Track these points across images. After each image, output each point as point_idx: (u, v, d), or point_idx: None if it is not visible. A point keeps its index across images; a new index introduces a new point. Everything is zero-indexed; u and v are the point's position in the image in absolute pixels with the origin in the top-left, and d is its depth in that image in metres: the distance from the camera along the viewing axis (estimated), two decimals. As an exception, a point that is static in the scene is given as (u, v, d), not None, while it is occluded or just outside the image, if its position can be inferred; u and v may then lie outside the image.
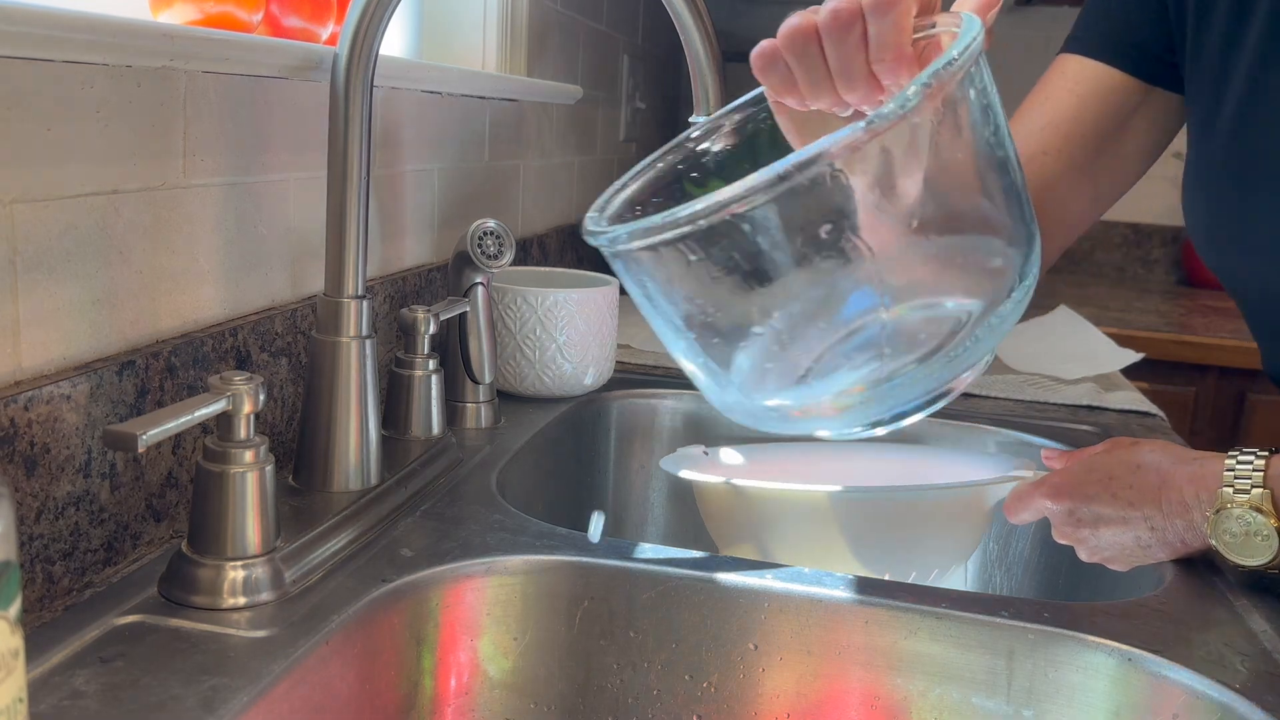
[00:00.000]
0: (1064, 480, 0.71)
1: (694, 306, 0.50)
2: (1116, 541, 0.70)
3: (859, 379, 0.51)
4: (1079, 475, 0.71)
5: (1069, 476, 0.72)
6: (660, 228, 0.47)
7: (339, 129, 0.67)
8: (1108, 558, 0.72)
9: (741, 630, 0.65)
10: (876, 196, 0.48)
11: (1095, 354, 1.37)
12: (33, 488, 0.55)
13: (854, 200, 0.47)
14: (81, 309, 0.59)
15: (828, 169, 0.45)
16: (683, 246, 0.47)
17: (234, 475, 0.57)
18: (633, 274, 0.51)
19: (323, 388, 0.69)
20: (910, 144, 0.48)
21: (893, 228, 0.49)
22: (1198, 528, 0.66)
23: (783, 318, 0.51)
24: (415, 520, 0.71)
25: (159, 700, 0.48)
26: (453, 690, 0.66)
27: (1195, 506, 0.66)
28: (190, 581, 0.57)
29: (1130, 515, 0.68)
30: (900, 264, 0.50)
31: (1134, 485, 0.68)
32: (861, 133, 0.45)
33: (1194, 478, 0.66)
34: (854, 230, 0.48)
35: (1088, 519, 0.70)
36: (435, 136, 1.03)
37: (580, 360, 0.99)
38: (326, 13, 0.81)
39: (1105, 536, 0.70)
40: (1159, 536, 0.68)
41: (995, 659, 0.62)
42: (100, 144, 0.60)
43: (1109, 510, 0.69)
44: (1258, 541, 0.63)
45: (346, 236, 0.68)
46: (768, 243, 0.47)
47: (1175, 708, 0.59)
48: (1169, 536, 0.67)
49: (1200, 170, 0.79)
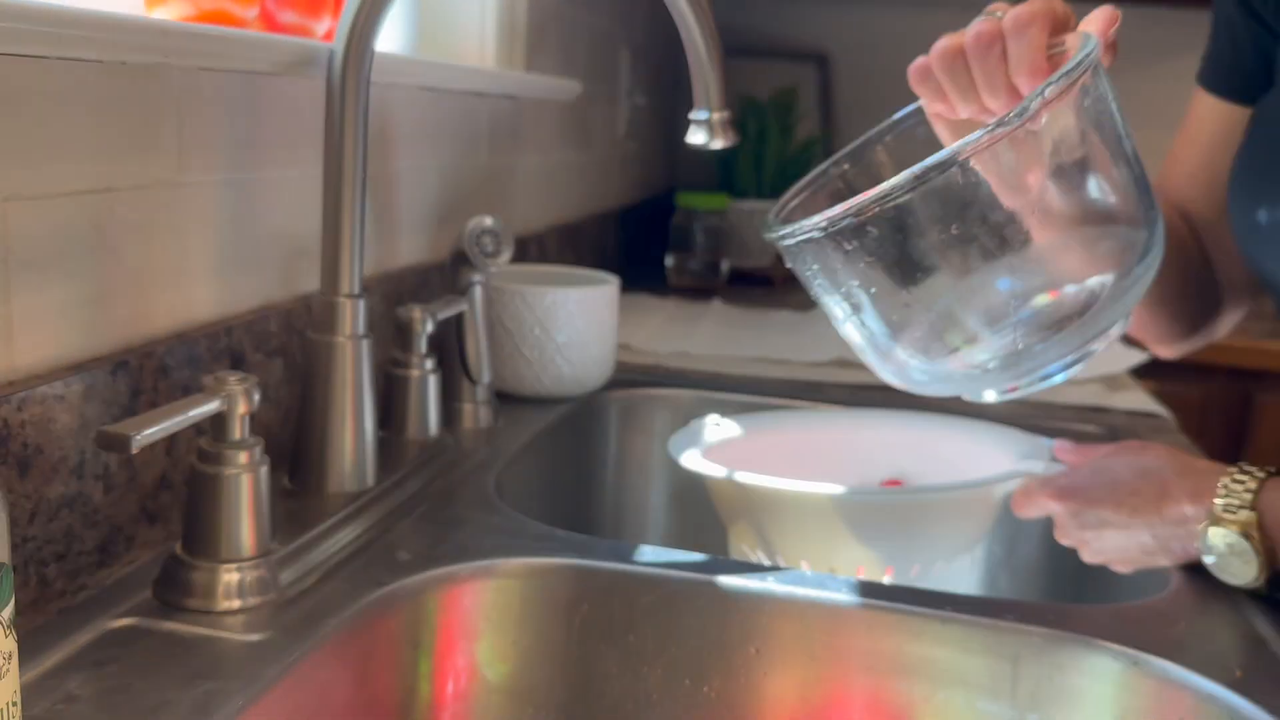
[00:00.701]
0: (1070, 482, 0.72)
1: (855, 288, 0.59)
2: (1120, 546, 0.70)
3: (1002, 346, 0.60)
4: (1085, 478, 0.71)
5: (1075, 479, 0.72)
6: (813, 226, 0.56)
7: (335, 126, 0.66)
8: (1111, 560, 0.72)
9: (743, 634, 0.65)
10: (1009, 191, 0.56)
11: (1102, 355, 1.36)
12: (26, 489, 0.55)
13: (987, 194, 0.56)
14: (74, 308, 0.59)
15: (958, 168, 0.54)
16: (838, 238, 0.56)
17: (228, 477, 0.56)
18: (800, 262, 0.61)
19: (318, 388, 0.68)
20: (1034, 146, 0.56)
21: (1026, 218, 0.57)
22: (1194, 541, 0.67)
23: (932, 298, 0.60)
24: (412, 522, 0.70)
25: (153, 704, 0.48)
26: (449, 695, 0.65)
27: (1193, 520, 0.66)
28: (184, 584, 0.56)
29: (1133, 522, 0.69)
30: (1038, 250, 0.58)
31: (1138, 492, 0.69)
32: (986, 136, 0.53)
33: (1193, 491, 0.67)
34: (987, 221, 0.56)
35: (1092, 522, 0.70)
36: (432, 133, 1.02)
37: (580, 360, 0.98)
38: (322, 8, 0.80)
39: (1109, 540, 0.70)
40: (1161, 544, 0.68)
41: (1000, 663, 0.62)
42: (93, 141, 0.59)
43: (1113, 515, 0.69)
44: (1240, 563, 0.64)
45: (342, 235, 0.67)
46: (912, 233, 0.56)
47: (1182, 711, 0.58)
48: (1171, 545, 0.68)
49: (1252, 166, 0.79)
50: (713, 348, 1.26)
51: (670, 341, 1.28)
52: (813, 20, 2.29)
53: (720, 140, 0.71)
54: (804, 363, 1.23)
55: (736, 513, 0.81)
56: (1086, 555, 0.73)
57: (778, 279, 1.86)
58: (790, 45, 2.29)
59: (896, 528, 0.78)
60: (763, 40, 2.29)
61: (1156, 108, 2.26)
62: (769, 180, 1.94)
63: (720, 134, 0.71)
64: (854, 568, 0.77)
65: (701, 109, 0.70)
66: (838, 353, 1.27)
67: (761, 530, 0.79)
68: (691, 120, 0.69)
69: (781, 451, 0.89)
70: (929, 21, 0.88)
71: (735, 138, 0.72)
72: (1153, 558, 0.70)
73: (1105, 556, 0.72)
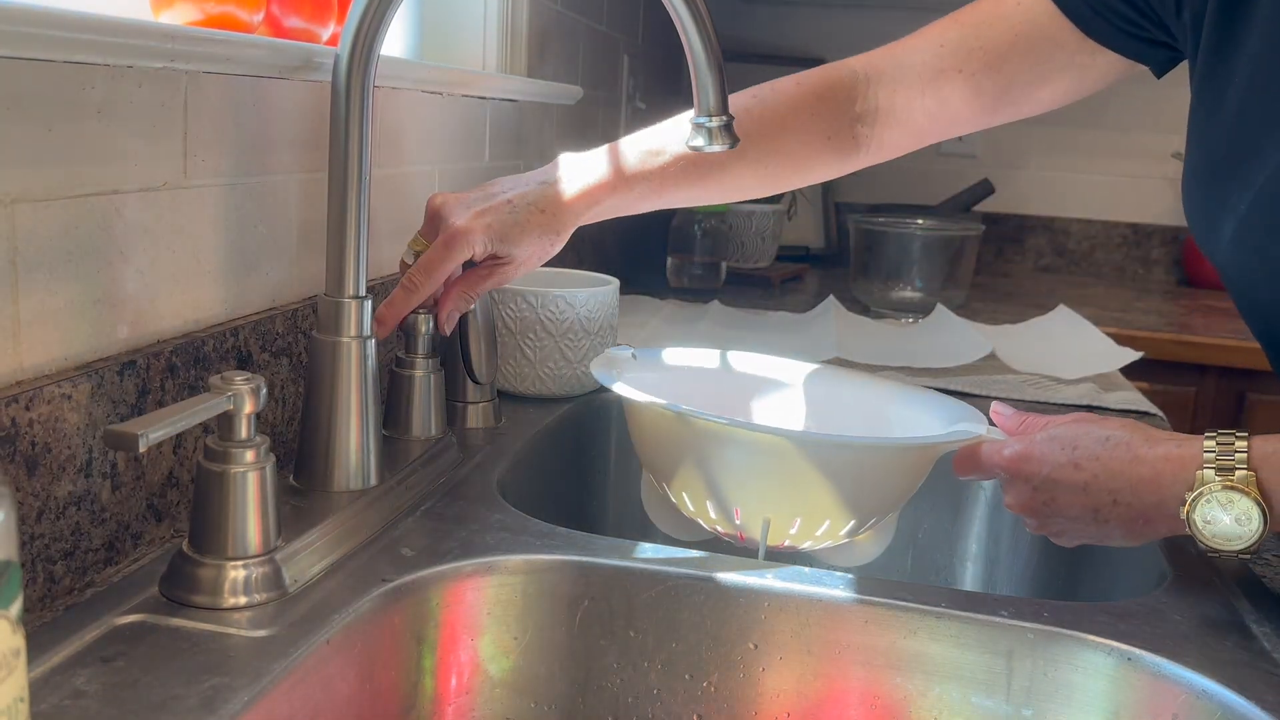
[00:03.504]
0: (1024, 446, 0.69)
1: None
2: (1072, 514, 0.68)
3: None
4: (1040, 442, 0.69)
5: (1028, 443, 0.69)
6: None
7: (340, 129, 0.67)
8: (1059, 531, 0.70)
9: (741, 629, 0.65)
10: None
11: (1095, 354, 1.37)
12: (34, 487, 0.55)
13: None
14: (82, 309, 0.60)
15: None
16: None
17: (235, 475, 0.57)
18: None
19: (323, 388, 0.69)
20: None
21: None
22: (1167, 507, 0.64)
23: None
24: (415, 520, 0.71)
25: (160, 700, 0.48)
26: (453, 690, 0.66)
27: (1169, 485, 0.64)
28: (191, 581, 0.57)
29: (1093, 485, 0.66)
30: None
31: (1100, 457, 0.66)
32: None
33: (1170, 458, 0.65)
34: None
35: (1044, 487, 0.68)
36: (436, 137, 1.03)
37: (580, 360, 0.99)
38: (327, 13, 0.81)
39: (1061, 507, 0.68)
40: (1120, 512, 0.66)
41: (995, 658, 0.62)
42: (101, 144, 0.60)
43: (1070, 478, 0.67)
44: (1238, 525, 0.62)
45: (347, 237, 0.68)
46: None
47: (1175, 707, 0.59)
48: (1131, 513, 0.66)
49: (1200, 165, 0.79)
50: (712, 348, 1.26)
51: (670, 342, 1.28)
52: (809, 26, 2.30)
53: (719, 144, 0.72)
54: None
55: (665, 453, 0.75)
56: (1032, 524, 0.71)
57: (776, 280, 1.86)
58: (788, 50, 2.29)
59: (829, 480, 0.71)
60: (761, 45, 2.29)
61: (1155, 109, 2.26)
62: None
63: (719, 138, 0.72)
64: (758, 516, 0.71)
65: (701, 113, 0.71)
66: (836, 353, 1.28)
67: (690, 470, 0.73)
68: (691, 124, 0.70)
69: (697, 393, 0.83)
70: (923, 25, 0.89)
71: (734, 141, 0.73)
72: (1106, 529, 0.67)
73: (1054, 527, 0.69)
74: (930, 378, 1.19)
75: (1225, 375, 1.68)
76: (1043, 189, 2.31)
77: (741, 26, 2.31)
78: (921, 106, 0.87)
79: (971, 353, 1.31)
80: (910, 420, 0.81)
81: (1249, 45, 0.71)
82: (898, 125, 0.89)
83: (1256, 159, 0.70)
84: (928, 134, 0.90)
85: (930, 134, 0.90)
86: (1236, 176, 0.72)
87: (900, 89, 0.88)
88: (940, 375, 1.22)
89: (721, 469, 0.71)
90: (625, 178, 0.84)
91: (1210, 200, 0.75)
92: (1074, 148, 2.25)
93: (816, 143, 0.89)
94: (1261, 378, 1.67)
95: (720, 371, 0.89)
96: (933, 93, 0.87)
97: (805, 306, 1.63)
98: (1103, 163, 2.27)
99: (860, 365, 1.24)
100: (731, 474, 0.71)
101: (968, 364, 1.28)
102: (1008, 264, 2.34)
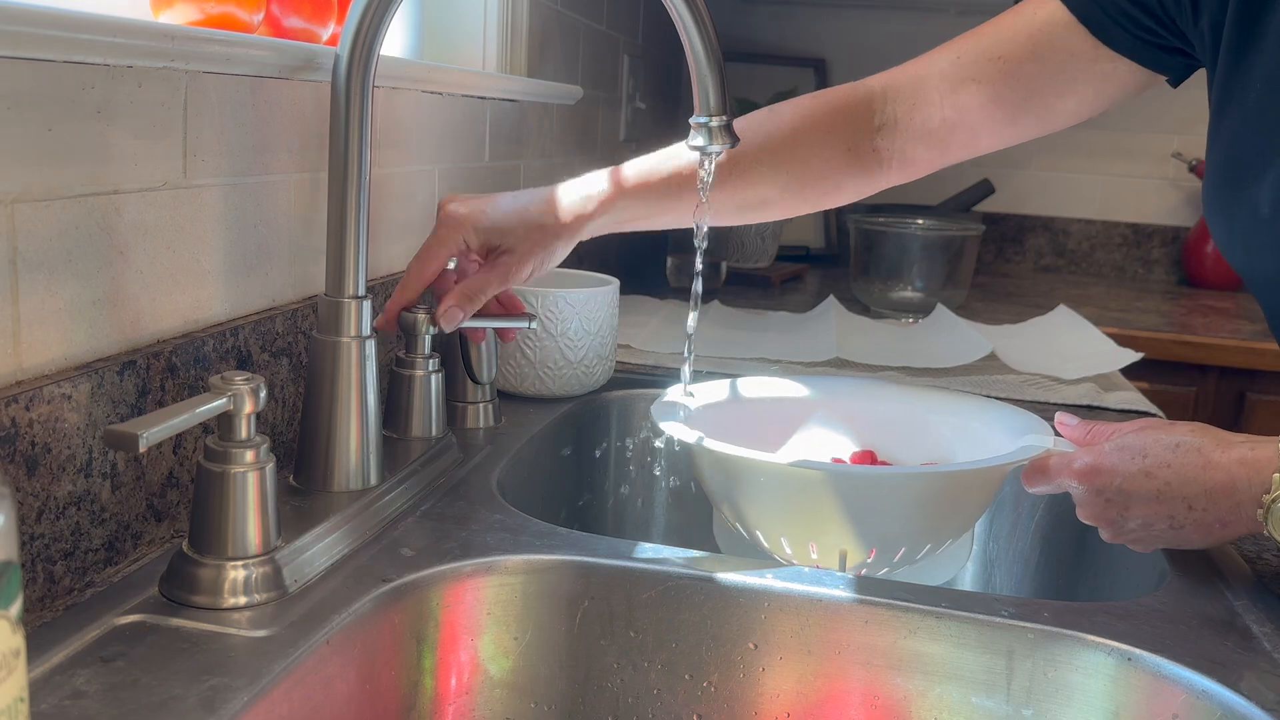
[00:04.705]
0: (1095, 458, 0.69)
1: None
2: (1147, 522, 0.67)
3: None
4: (1109, 452, 0.68)
5: (1098, 454, 0.69)
6: None
7: (339, 129, 0.67)
8: (1134, 539, 0.69)
9: (741, 630, 0.65)
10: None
11: (1095, 354, 1.37)
12: (34, 487, 0.55)
13: None
14: (82, 309, 0.60)
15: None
16: None
17: (235, 475, 0.57)
18: None
19: (323, 388, 0.69)
20: None
21: None
22: (1244, 511, 0.64)
23: None
24: (416, 520, 0.71)
25: (160, 700, 0.48)
26: (453, 690, 0.66)
27: (1245, 489, 0.64)
28: (191, 581, 0.57)
29: (1167, 494, 0.66)
30: None
31: (1171, 464, 0.66)
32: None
33: (1244, 461, 0.64)
34: None
35: (1117, 499, 0.68)
36: (436, 137, 1.03)
37: (580, 360, 0.99)
38: (327, 13, 0.81)
39: (1136, 516, 0.67)
40: (1196, 518, 0.66)
41: (995, 658, 0.62)
42: (101, 144, 0.60)
43: (1143, 488, 0.66)
44: None
45: (347, 237, 0.68)
46: None
47: (1175, 707, 0.59)
48: (1207, 518, 0.65)
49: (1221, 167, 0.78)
50: (712, 348, 1.26)
51: (670, 342, 1.28)
52: (810, 26, 2.30)
53: (720, 144, 0.72)
54: (803, 363, 1.23)
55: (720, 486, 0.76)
56: (1107, 534, 0.70)
57: (776, 280, 1.86)
58: (788, 50, 2.30)
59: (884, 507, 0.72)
60: (761, 45, 2.30)
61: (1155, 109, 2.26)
62: (768, 183, 1.94)
63: (720, 138, 0.72)
64: (834, 549, 0.73)
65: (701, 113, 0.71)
66: (836, 353, 1.28)
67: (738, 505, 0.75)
68: (692, 124, 0.70)
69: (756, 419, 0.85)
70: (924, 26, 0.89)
71: (734, 141, 0.73)
72: (1182, 535, 0.67)
73: (1128, 535, 0.69)
74: (930, 378, 1.19)
75: (1225, 375, 1.68)
76: (1043, 189, 2.31)
77: (741, 26, 2.31)
78: (940, 117, 0.87)
79: (971, 353, 1.31)
80: (975, 435, 0.81)
81: (1268, 49, 0.72)
82: (918, 138, 0.89)
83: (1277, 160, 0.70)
84: (950, 146, 0.89)
85: (952, 146, 0.89)
86: (1257, 178, 0.72)
87: (918, 101, 0.88)
88: (940, 375, 1.22)
89: (794, 507, 0.72)
90: (635, 184, 0.84)
91: (1231, 203, 0.75)
92: (1074, 148, 2.25)
93: (837, 156, 0.89)
94: (1261, 378, 1.67)
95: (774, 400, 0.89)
96: (951, 103, 0.87)
97: (805, 306, 1.63)
98: (1103, 163, 2.27)
99: (860, 365, 1.24)
100: (804, 511, 0.72)
101: (968, 364, 1.28)
102: (1008, 264, 2.34)
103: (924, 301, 1.66)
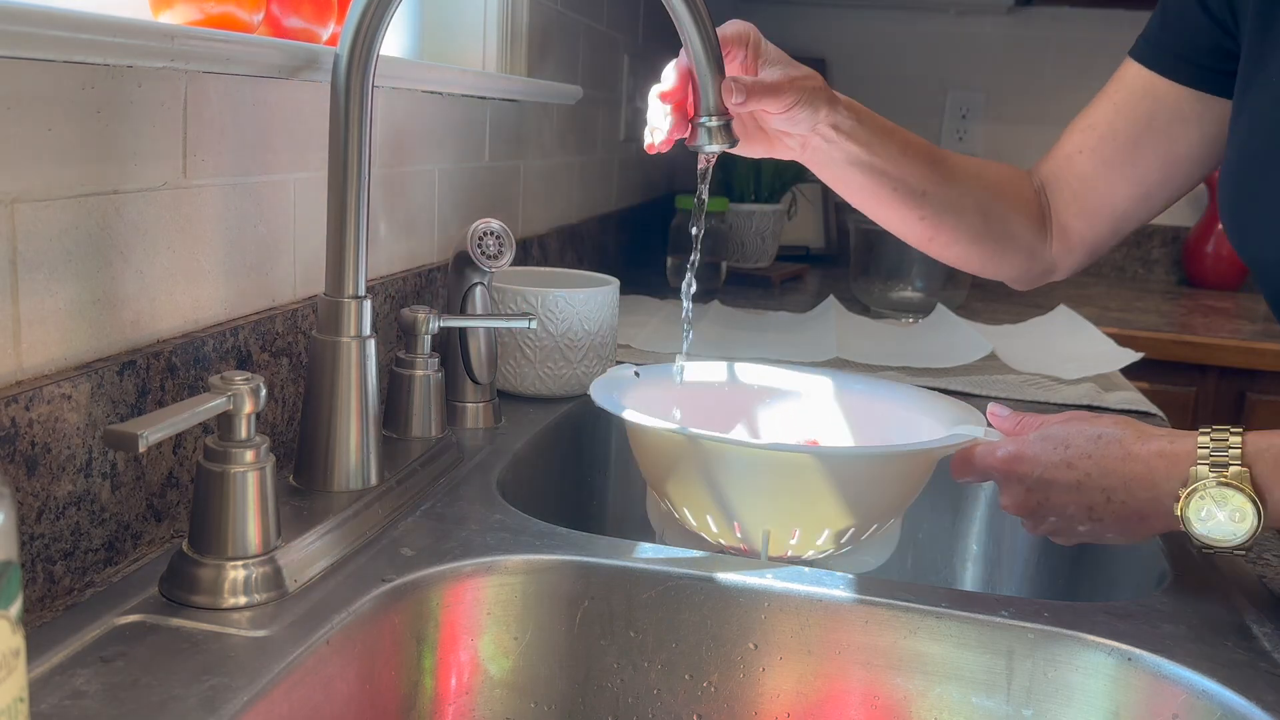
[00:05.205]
0: (1017, 446, 0.70)
1: None
2: (1067, 513, 0.68)
3: None
4: (1032, 442, 0.69)
5: (1021, 443, 0.70)
6: None
7: (339, 129, 0.67)
8: (1054, 530, 0.70)
9: (741, 630, 0.65)
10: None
11: (1095, 354, 1.37)
12: (34, 487, 0.55)
13: None
14: (82, 309, 0.60)
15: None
16: None
17: (235, 475, 0.57)
18: None
19: (323, 388, 0.69)
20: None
21: None
22: (1162, 504, 0.64)
23: None
24: (415, 520, 0.71)
25: (160, 700, 0.48)
26: (453, 690, 0.66)
27: (1163, 482, 0.64)
28: (191, 581, 0.57)
29: (1086, 484, 0.67)
30: None
31: (1092, 455, 0.67)
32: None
33: (1163, 454, 0.65)
34: None
35: (1037, 488, 0.68)
36: (436, 137, 1.03)
37: (581, 360, 0.99)
38: (327, 13, 0.81)
39: (1055, 506, 0.68)
40: (1115, 510, 0.66)
41: (995, 658, 0.62)
42: (101, 144, 0.60)
43: (1064, 477, 0.67)
44: (1232, 522, 0.62)
45: (347, 236, 0.68)
46: None
47: (1175, 707, 0.59)
48: (1126, 511, 0.66)
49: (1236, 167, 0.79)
50: (712, 348, 1.27)
51: (670, 342, 1.28)
52: (810, 25, 2.30)
53: (719, 143, 0.72)
54: (802, 363, 1.23)
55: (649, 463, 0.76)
56: (1029, 525, 0.71)
57: (776, 280, 1.86)
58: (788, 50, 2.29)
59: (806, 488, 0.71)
60: (762, 43, 2.29)
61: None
62: (767, 183, 1.94)
63: (719, 137, 0.72)
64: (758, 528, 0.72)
65: (701, 113, 0.71)
66: (836, 353, 1.28)
67: (664, 482, 0.74)
68: (691, 124, 0.70)
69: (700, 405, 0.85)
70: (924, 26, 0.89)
71: (733, 141, 0.73)
72: (1101, 527, 0.68)
73: (1049, 526, 0.70)
74: (930, 378, 1.19)
75: (1225, 375, 1.68)
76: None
77: (741, 26, 2.31)
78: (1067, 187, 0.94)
79: (971, 353, 1.31)
80: (910, 423, 0.81)
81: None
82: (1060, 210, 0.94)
83: None
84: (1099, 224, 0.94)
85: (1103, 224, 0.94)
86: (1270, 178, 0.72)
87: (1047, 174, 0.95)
88: (940, 375, 1.22)
89: (718, 484, 0.71)
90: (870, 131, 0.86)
91: (1244, 202, 0.75)
92: (1074, 148, 2.25)
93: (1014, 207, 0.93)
94: (1262, 378, 1.67)
95: (720, 384, 0.90)
96: (1068, 169, 0.93)
97: (805, 306, 1.63)
98: (1103, 163, 2.27)
99: (860, 365, 1.24)
100: (729, 489, 0.71)
101: (968, 364, 1.28)
102: (1008, 264, 2.34)
103: (924, 301, 1.66)
